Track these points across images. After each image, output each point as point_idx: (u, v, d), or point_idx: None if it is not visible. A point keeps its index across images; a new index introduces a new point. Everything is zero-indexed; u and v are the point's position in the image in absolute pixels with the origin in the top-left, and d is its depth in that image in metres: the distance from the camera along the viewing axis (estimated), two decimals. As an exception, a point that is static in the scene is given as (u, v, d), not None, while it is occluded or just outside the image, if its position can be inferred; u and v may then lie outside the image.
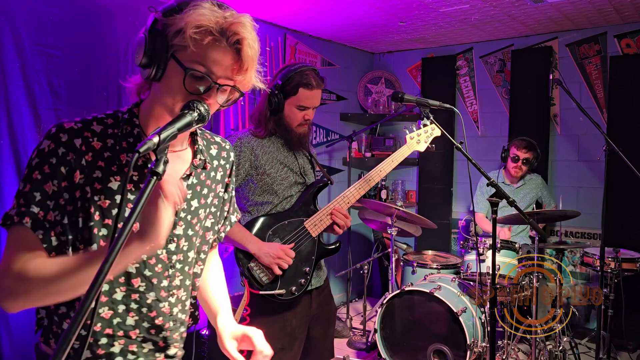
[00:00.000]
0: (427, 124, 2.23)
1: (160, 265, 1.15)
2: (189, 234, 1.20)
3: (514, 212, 2.24)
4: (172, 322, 1.20)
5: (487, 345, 2.95)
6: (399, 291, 3.08)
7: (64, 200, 1.05)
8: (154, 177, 0.87)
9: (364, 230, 5.19)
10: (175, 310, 1.20)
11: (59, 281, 0.98)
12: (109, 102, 2.80)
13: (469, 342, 2.82)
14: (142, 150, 0.86)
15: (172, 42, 1.03)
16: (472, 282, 3.27)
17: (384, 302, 3.11)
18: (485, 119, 4.78)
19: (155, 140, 0.88)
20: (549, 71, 4.31)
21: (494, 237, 2.04)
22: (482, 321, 3.05)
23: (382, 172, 2.18)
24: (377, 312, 3.19)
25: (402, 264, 4.09)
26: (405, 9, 3.69)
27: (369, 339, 3.89)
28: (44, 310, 1.16)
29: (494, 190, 1.98)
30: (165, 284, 1.17)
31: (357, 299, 5.10)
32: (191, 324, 1.31)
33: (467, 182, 4.75)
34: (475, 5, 3.58)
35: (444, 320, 2.97)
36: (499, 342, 3.22)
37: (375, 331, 3.14)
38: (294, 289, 2.01)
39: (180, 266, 1.20)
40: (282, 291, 1.98)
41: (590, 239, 4.27)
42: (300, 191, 2.13)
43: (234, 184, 1.38)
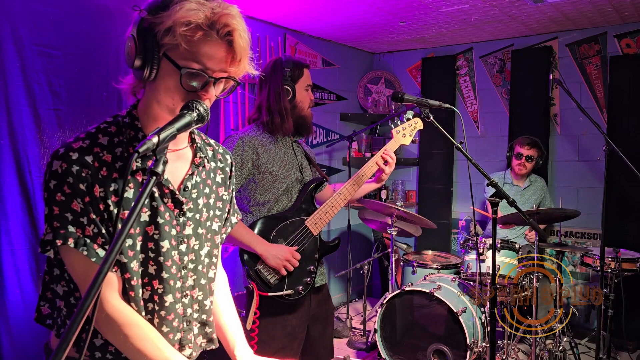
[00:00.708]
0: (410, 117, 2.25)
1: (174, 267, 1.16)
2: (199, 232, 1.21)
3: (514, 211, 2.24)
4: (185, 323, 1.20)
5: (487, 345, 2.95)
6: (399, 291, 3.08)
7: (93, 213, 1.06)
8: (154, 177, 0.87)
9: (364, 230, 5.19)
10: (189, 310, 1.21)
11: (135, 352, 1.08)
12: (109, 102, 2.79)
13: (469, 342, 2.82)
14: (141, 150, 0.86)
15: (162, 42, 1.02)
16: (472, 282, 3.27)
17: (384, 302, 3.11)
18: (485, 119, 4.78)
19: (154, 140, 0.88)
20: (549, 71, 4.31)
21: (494, 237, 2.04)
22: (482, 321, 3.04)
23: (373, 167, 2.18)
24: (377, 312, 3.19)
25: (402, 264, 4.09)
26: (405, 9, 3.69)
27: (369, 339, 3.89)
28: (51, 309, 1.16)
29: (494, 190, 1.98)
30: (178, 285, 1.17)
31: (357, 299, 5.10)
32: (211, 332, 1.30)
33: (467, 182, 4.75)
34: (475, 5, 3.58)
35: (444, 320, 2.96)
36: (499, 342, 3.22)
37: (375, 331, 3.14)
38: (301, 288, 2.02)
39: (193, 266, 1.20)
40: (290, 291, 1.99)
41: (590, 239, 4.27)
42: (299, 189, 2.13)
43: (235, 185, 1.38)
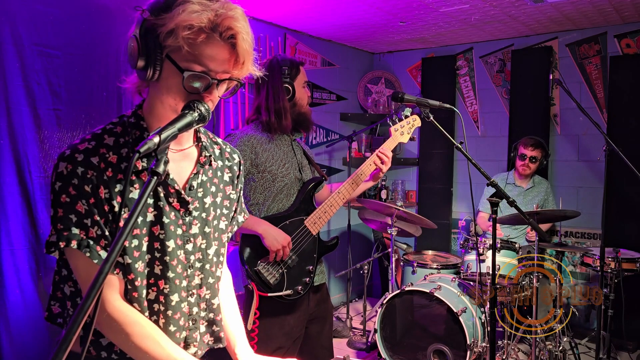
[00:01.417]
0: (407, 115, 2.25)
1: (180, 266, 1.16)
2: (206, 231, 1.21)
3: (514, 211, 2.24)
4: (191, 322, 1.21)
5: (487, 345, 2.95)
6: (399, 291, 3.08)
7: (97, 215, 1.06)
8: (154, 177, 0.87)
9: (364, 230, 5.19)
10: (195, 309, 1.21)
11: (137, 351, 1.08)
12: (109, 102, 2.79)
13: (469, 342, 2.81)
14: (142, 150, 0.86)
15: (165, 43, 1.02)
16: (472, 282, 3.27)
17: (384, 302, 3.11)
18: (485, 119, 4.78)
19: (155, 140, 0.88)
20: (549, 71, 4.31)
21: (494, 237, 2.04)
22: (482, 321, 3.04)
23: (371, 166, 2.18)
24: (377, 312, 3.19)
25: (402, 264, 4.09)
26: (405, 9, 3.69)
27: (369, 339, 3.89)
28: (61, 309, 1.16)
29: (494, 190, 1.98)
30: (184, 284, 1.17)
31: (357, 299, 5.10)
32: (218, 331, 1.30)
33: (467, 182, 4.75)
34: (475, 5, 3.58)
35: (444, 320, 2.96)
36: (499, 342, 3.22)
37: (375, 331, 3.14)
38: (300, 288, 2.02)
39: (200, 265, 1.20)
40: (290, 292, 2.00)
41: (590, 239, 4.27)
42: (299, 188, 2.14)
43: (242, 184, 1.38)
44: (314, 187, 2.16)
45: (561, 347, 3.11)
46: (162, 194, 1.13)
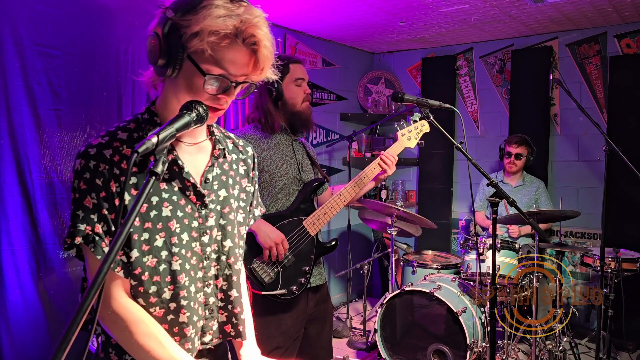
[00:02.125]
0: (416, 120, 2.24)
1: (195, 257, 1.17)
2: (221, 223, 1.22)
3: (514, 212, 2.24)
4: (207, 311, 1.22)
5: (487, 345, 2.95)
6: (399, 291, 3.08)
7: (106, 210, 1.07)
8: (153, 177, 0.87)
9: (364, 230, 5.19)
10: (211, 299, 1.22)
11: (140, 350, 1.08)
12: (109, 102, 2.79)
13: (469, 342, 2.82)
14: (140, 150, 0.86)
15: (188, 44, 1.03)
16: (472, 282, 3.27)
17: (384, 302, 3.11)
18: (485, 119, 4.78)
19: (154, 140, 0.89)
20: (549, 71, 4.31)
21: (494, 237, 2.04)
22: (482, 321, 3.04)
23: (375, 169, 2.18)
24: (377, 312, 3.19)
25: (402, 264, 4.09)
26: (405, 9, 3.69)
27: (369, 339, 3.89)
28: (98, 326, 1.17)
29: (493, 190, 1.98)
30: (200, 275, 1.19)
31: (357, 299, 5.10)
32: (237, 324, 1.30)
33: (467, 182, 4.75)
34: (475, 5, 3.58)
35: (444, 320, 2.97)
36: (499, 342, 3.22)
37: (375, 331, 3.14)
38: (295, 288, 2.02)
39: (215, 256, 1.21)
40: (284, 291, 1.99)
41: (590, 239, 4.27)
42: (298, 189, 2.13)
43: (256, 178, 1.39)
44: (315, 188, 2.15)
45: (561, 347, 3.11)
46: (176, 188, 1.14)
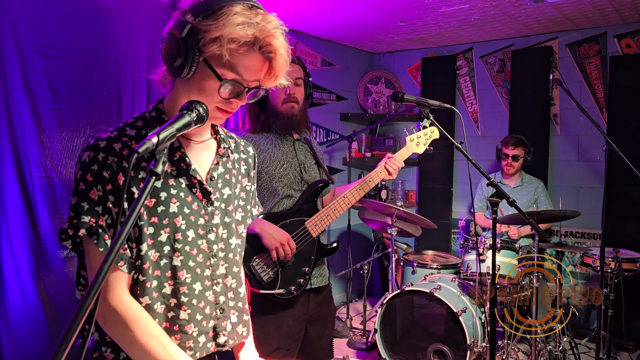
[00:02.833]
0: (426, 125, 2.23)
1: (201, 255, 1.18)
2: (226, 221, 1.23)
3: (515, 211, 2.24)
4: (218, 311, 1.22)
5: (487, 345, 2.95)
6: (399, 291, 3.08)
7: (111, 202, 1.08)
8: (153, 177, 0.87)
9: (364, 230, 5.19)
10: (221, 298, 1.22)
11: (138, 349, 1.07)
12: (109, 102, 2.79)
13: (469, 342, 2.82)
14: (140, 150, 0.86)
15: (205, 49, 1.05)
16: (472, 282, 3.27)
17: (384, 302, 3.11)
18: (485, 119, 4.78)
19: (154, 140, 0.89)
20: (549, 71, 4.31)
21: (494, 237, 2.04)
22: (482, 321, 3.04)
23: (381, 173, 2.17)
24: (377, 312, 3.19)
25: (402, 264, 4.09)
26: (405, 9, 3.69)
27: (369, 339, 3.89)
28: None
29: (493, 190, 1.98)
30: (208, 273, 1.19)
31: (357, 299, 5.10)
32: (248, 321, 1.30)
33: (467, 182, 4.75)
34: (475, 5, 3.58)
35: (443, 320, 2.96)
36: (499, 342, 3.22)
37: (375, 331, 3.14)
38: (293, 288, 2.01)
39: (223, 254, 1.22)
40: (282, 291, 1.99)
41: (590, 239, 4.27)
42: (301, 189, 2.13)
43: (255, 178, 1.40)
44: (320, 189, 2.15)
45: (561, 347, 3.11)
46: (184, 185, 1.16)
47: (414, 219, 3.43)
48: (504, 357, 3.08)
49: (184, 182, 1.16)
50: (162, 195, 1.12)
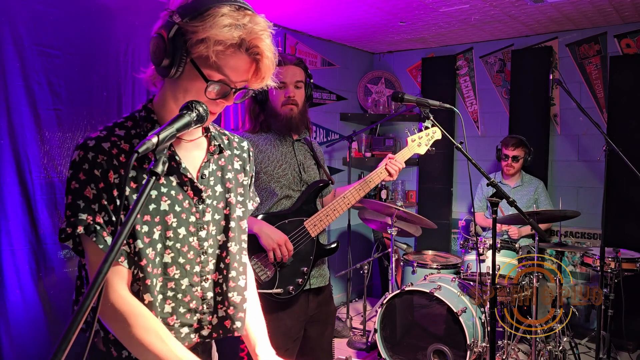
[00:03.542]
0: (428, 126, 2.21)
1: (192, 252, 1.19)
2: (216, 218, 1.24)
3: (515, 212, 2.24)
4: (205, 306, 1.23)
5: (487, 345, 2.94)
6: (399, 291, 3.08)
7: (105, 200, 1.09)
8: (153, 177, 0.87)
9: (364, 230, 5.19)
10: (209, 294, 1.23)
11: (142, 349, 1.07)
12: (109, 102, 2.79)
13: (469, 342, 2.81)
14: (140, 150, 0.86)
15: (192, 50, 1.05)
16: (472, 282, 3.27)
17: (384, 302, 3.11)
18: (485, 119, 4.78)
19: (154, 140, 0.89)
20: (549, 71, 4.31)
21: (494, 237, 2.04)
22: (482, 321, 3.04)
23: (382, 174, 2.17)
24: (377, 312, 3.19)
25: (402, 264, 4.09)
26: (405, 9, 3.69)
27: (369, 339, 3.89)
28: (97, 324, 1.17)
29: (493, 190, 1.97)
30: (197, 269, 1.20)
31: (357, 299, 5.10)
32: (238, 316, 1.29)
33: (467, 182, 4.75)
34: (475, 5, 3.58)
35: (444, 320, 2.96)
36: (499, 342, 3.22)
37: (375, 331, 3.14)
38: (292, 288, 2.01)
39: (212, 251, 1.23)
40: (280, 290, 1.98)
41: (590, 239, 4.27)
42: (300, 190, 2.12)
43: (253, 172, 1.42)
44: (319, 189, 2.14)
45: (561, 347, 3.11)
46: (174, 183, 1.16)
47: (414, 219, 3.43)
48: (504, 357, 3.08)
49: (174, 180, 1.16)
50: (153, 193, 1.13)
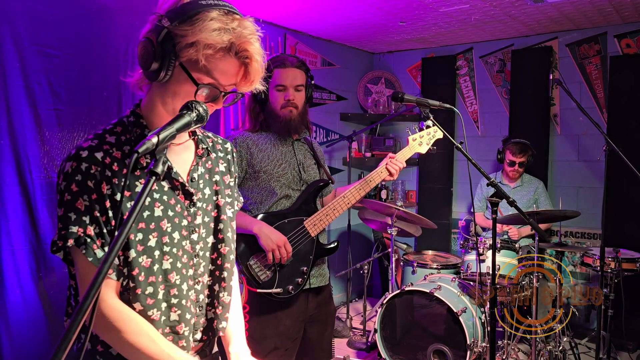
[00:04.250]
0: (429, 125, 2.21)
1: (185, 256, 1.19)
2: (206, 220, 1.25)
3: (515, 212, 2.24)
4: (198, 308, 1.24)
5: (487, 345, 2.95)
6: (399, 291, 3.08)
7: (98, 211, 1.08)
8: (153, 177, 0.87)
9: (364, 230, 5.19)
10: (201, 297, 1.24)
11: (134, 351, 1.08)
12: (109, 102, 2.79)
13: (469, 342, 2.81)
14: (140, 150, 0.86)
15: (181, 54, 1.05)
16: (472, 282, 3.27)
17: (384, 302, 3.11)
18: (485, 119, 4.78)
19: (154, 140, 0.89)
20: (549, 71, 4.31)
21: (494, 237, 2.04)
22: (482, 321, 3.04)
23: (382, 173, 2.17)
24: (377, 312, 3.19)
25: (402, 264, 4.09)
26: (405, 9, 3.69)
27: (369, 339, 3.89)
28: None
29: (493, 190, 1.97)
30: (191, 272, 1.21)
31: (357, 299, 5.10)
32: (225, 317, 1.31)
33: (467, 182, 4.75)
34: (475, 5, 3.58)
35: (444, 320, 2.96)
36: (499, 342, 3.22)
37: (375, 331, 3.14)
38: (291, 287, 2.00)
39: (203, 253, 1.24)
40: (279, 290, 1.98)
41: (590, 239, 4.27)
42: (299, 189, 2.12)
43: (237, 173, 1.42)
44: (319, 189, 2.14)
45: (561, 347, 3.11)
46: (166, 188, 1.16)
47: (414, 219, 3.43)
48: (504, 357, 3.08)
49: (166, 185, 1.16)
50: (147, 201, 1.12)
